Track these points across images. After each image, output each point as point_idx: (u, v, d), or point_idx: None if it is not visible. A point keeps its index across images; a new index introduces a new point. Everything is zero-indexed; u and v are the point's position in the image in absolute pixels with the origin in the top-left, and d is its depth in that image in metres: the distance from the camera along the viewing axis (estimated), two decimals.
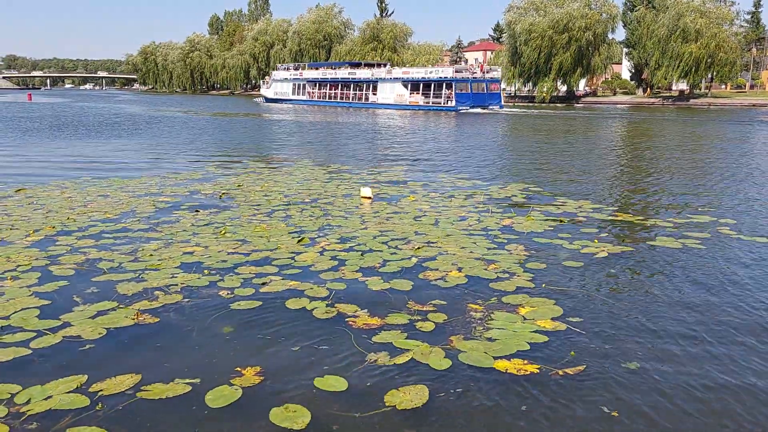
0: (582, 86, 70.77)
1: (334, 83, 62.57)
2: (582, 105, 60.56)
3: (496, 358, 3.99)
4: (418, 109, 50.48)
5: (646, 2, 62.56)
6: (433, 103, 50.97)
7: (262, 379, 3.74)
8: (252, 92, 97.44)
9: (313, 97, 64.89)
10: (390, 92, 55.28)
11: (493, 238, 7.10)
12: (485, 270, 5.85)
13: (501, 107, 50.85)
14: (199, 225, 7.78)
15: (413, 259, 6.20)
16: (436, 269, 5.88)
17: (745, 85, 68.75)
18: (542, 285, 5.44)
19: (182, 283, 5.44)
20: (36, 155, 16.49)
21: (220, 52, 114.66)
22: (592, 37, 59.51)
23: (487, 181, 11.79)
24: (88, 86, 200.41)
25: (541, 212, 8.69)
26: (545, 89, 62.71)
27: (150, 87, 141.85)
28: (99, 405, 3.42)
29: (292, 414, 3.34)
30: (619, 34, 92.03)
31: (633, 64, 67.56)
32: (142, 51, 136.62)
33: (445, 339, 4.30)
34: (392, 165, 14.45)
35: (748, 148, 19.52)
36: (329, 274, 5.75)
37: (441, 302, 5.02)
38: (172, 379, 3.71)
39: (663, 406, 3.47)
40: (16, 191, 10.16)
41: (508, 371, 3.84)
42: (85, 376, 3.75)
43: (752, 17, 72.31)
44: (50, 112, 43.68)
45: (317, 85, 65.07)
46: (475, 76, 51.82)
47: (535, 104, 61.26)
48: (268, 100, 70.53)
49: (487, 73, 53.24)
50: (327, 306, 4.93)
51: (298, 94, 67.13)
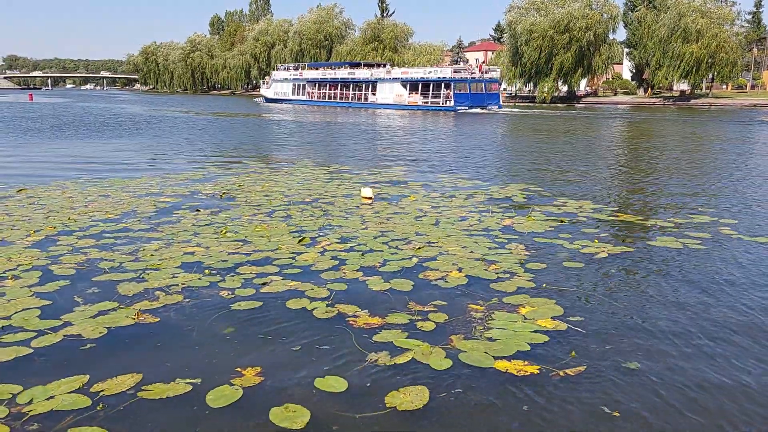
0: (583, 86, 70.74)
1: (334, 83, 62.61)
2: (583, 105, 60.53)
3: (496, 359, 3.99)
4: (417, 109, 50.48)
5: (646, 2, 62.52)
6: (431, 103, 50.97)
7: (262, 379, 3.75)
8: (253, 92, 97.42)
9: (312, 97, 64.93)
10: (389, 92, 55.28)
11: (494, 238, 7.10)
12: (485, 270, 5.86)
13: (500, 107, 50.83)
14: (199, 225, 7.78)
15: (414, 260, 6.21)
16: (437, 269, 5.88)
17: (746, 86, 68.69)
18: (543, 285, 5.44)
19: (183, 283, 5.45)
20: (37, 155, 16.51)
21: (221, 53, 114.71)
22: (593, 38, 59.47)
23: (488, 182, 11.79)
24: (89, 86, 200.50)
25: (541, 212, 8.69)
26: (546, 89, 62.66)
27: (151, 87, 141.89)
28: (100, 405, 3.43)
29: (291, 414, 3.35)
30: (620, 35, 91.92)
31: (634, 64, 67.51)
32: (143, 51, 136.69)
33: (445, 339, 4.30)
34: (392, 165, 14.46)
35: (748, 148, 19.51)
36: (330, 273, 5.76)
37: (441, 302, 5.02)
38: (172, 379, 3.72)
39: (664, 406, 3.47)
40: (18, 191, 10.17)
41: (509, 371, 3.84)
42: (87, 376, 3.75)
43: (753, 17, 72.25)
44: (51, 112, 43.72)
45: (317, 85, 65.12)
46: (473, 76, 51.83)
47: (535, 104, 61.23)
48: (268, 100, 70.58)
49: (485, 73, 53.26)
50: (327, 306, 4.94)
51: (297, 94, 67.17)
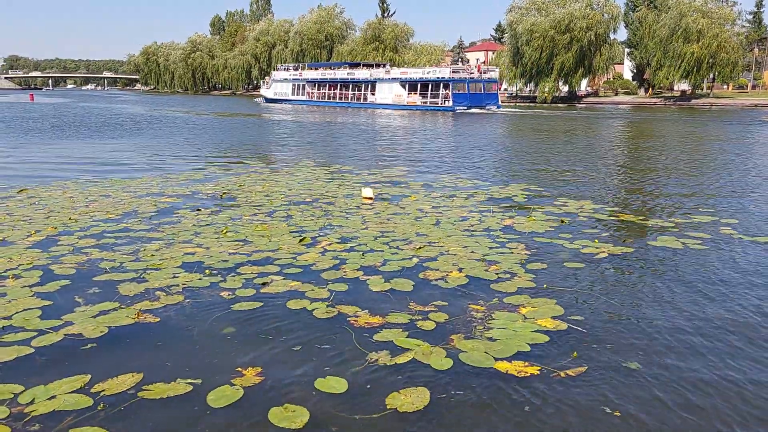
0: (584, 86, 70.71)
1: (333, 83, 62.67)
2: (584, 105, 60.51)
3: (497, 359, 3.99)
4: (416, 109, 50.52)
5: (647, 2, 62.49)
6: (430, 104, 51.04)
7: (263, 378, 3.75)
8: (253, 92, 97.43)
9: (312, 98, 65.00)
10: (388, 92, 55.35)
11: (495, 238, 7.10)
12: (486, 271, 5.86)
13: (498, 107, 50.88)
14: (200, 225, 7.79)
15: (414, 260, 6.21)
16: (437, 269, 5.88)
17: (747, 86, 68.64)
18: (544, 286, 5.44)
19: (183, 284, 5.45)
20: (38, 155, 16.52)
21: (221, 53, 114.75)
22: (594, 38, 59.44)
23: (488, 182, 11.79)
24: (90, 86, 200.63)
25: (542, 212, 8.69)
26: (547, 89, 62.65)
27: (152, 87, 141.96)
28: (101, 405, 3.43)
29: (290, 414, 3.35)
30: (621, 35, 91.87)
31: (635, 64, 67.48)
32: (144, 51, 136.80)
33: (446, 338, 4.30)
34: (393, 165, 14.45)
35: (749, 148, 19.50)
36: (330, 273, 5.76)
37: (442, 302, 5.02)
38: (173, 379, 3.72)
39: (664, 407, 3.47)
40: (19, 191, 10.17)
41: (509, 372, 3.84)
42: (88, 375, 3.76)
43: (754, 17, 72.19)
44: (52, 112, 43.75)
45: (316, 85, 65.21)
46: (472, 76, 51.94)
47: (536, 104, 61.21)
48: (268, 100, 70.68)
49: (484, 73, 53.39)
50: (328, 306, 4.94)
51: (297, 95, 67.26)
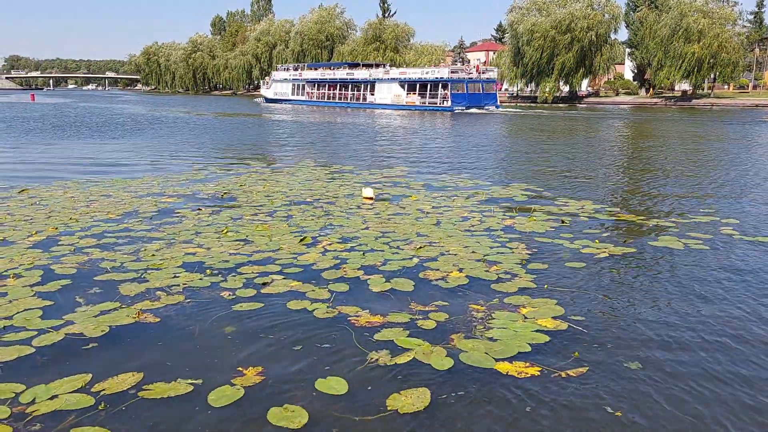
0: (584, 87, 70.66)
1: (333, 84, 62.78)
2: (584, 105, 60.48)
3: (498, 360, 3.99)
4: (415, 110, 50.61)
5: (648, 2, 62.46)
6: (429, 104, 51.13)
7: (263, 378, 3.75)
8: (254, 93, 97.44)
9: (312, 98, 65.11)
10: (387, 92, 55.46)
11: (495, 238, 7.10)
12: (487, 271, 5.86)
13: (497, 107, 50.96)
14: (201, 225, 7.79)
15: (415, 260, 6.21)
16: (438, 269, 5.89)
17: (748, 86, 68.59)
18: (544, 286, 5.44)
19: (184, 283, 5.46)
20: (39, 156, 16.54)
21: (222, 53, 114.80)
22: (595, 38, 59.40)
23: (489, 182, 11.79)
24: (90, 87, 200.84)
25: (542, 212, 8.69)
26: (548, 89, 62.61)
27: (153, 87, 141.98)
28: (102, 404, 3.44)
29: (290, 414, 3.35)
30: (622, 35, 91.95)
31: (635, 64, 67.44)
32: (145, 51, 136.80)
33: (446, 338, 4.31)
34: (393, 165, 14.45)
35: (750, 148, 19.48)
36: (331, 273, 5.77)
37: (442, 302, 5.03)
38: (174, 379, 3.73)
39: (665, 406, 3.47)
40: (19, 192, 10.18)
41: (510, 373, 3.84)
42: (89, 375, 3.76)
43: (755, 17, 72.17)
44: (53, 112, 43.78)
45: (316, 85, 65.33)
46: (470, 76, 52.06)
47: (537, 105, 61.21)
48: (268, 100, 70.81)
49: (482, 73, 53.50)
50: (328, 306, 4.95)
51: (297, 95, 67.38)
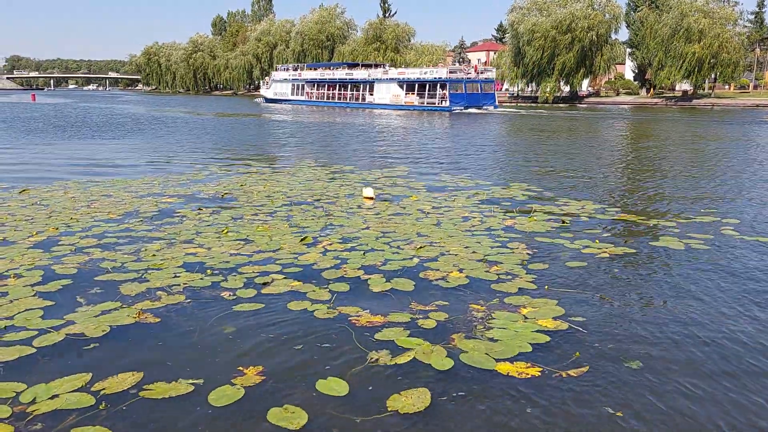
0: (585, 87, 70.66)
1: (332, 84, 62.91)
2: (585, 105, 60.49)
3: (498, 360, 3.99)
4: (413, 110, 50.71)
5: (649, 2, 62.45)
6: (427, 104, 51.25)
7: (263, 378, 3.76)
8: (255, 93, 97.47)
9: (311, 98, 65.22)
10: (386, 92, 55.58)
11: (496, 238, 7.11)
12: (487, 272, 5.86)
13: (495, 107, 51.07)
14: (201, 225, 7.80)
15: (415, 260, 6.21)
16: (438, 269, 5.89)
17: (749, 86, 68.55)
18: (545, 287, 5.44)
19: (185, 283, 5.46)
20: (40, 156, 16.54)
21: (223, 53, 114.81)
22: (595, 38, 59.42)
23: (489, 182, 11.79)
24: (91, 87, 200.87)
25: (543, 212, 8.69)
26: (548, 90, 62.63)
27: (153, 87, 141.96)
28: (102, 404, 3.44)
29: (289, 415, 3.35)
30: (623, 35, 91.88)
31: (636, 64, 67.44)
32: (146, 52, 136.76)
33: (447, 338, 4.31)
34: (393, 165, 14.46)
35: (751, 148, 19.47)
36: (331, 273, 5.77)
37: (443, 302, 5.03)
38: (174, 379, 3.73)
39: (666, 407, 3.47)
40: (20, 192, 10.19)
41: (510, 373, 3.84)
42: (89, 374, 3.77)
43: (756, 17, 72.11)
44: (54, 112, 43.81)
45: (315, 85, 65.48)
46: (469, 76, 52.20)
47: (537, 105, 61.24)
48: (267, 100, 70.95)
49: (481, 73, 53.69)
50: (329, 306, 4.95)
51: (296, 95, 67.51)
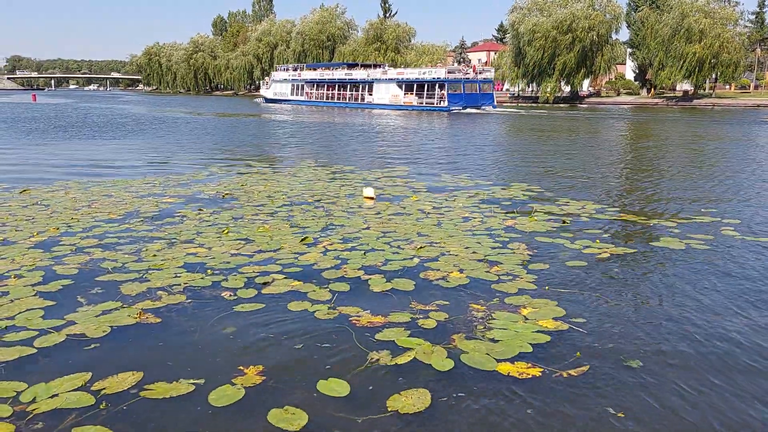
0: (586, 87, 70.64)
1: (332, 84, 63.03)
2: (585, 105, 60.47)
3: (499, 361, 3.99)
4: (412, 110, 50.82)
5: (649, 2, 62.42)
6: (426, 104, 51.35)
7: (264, 378, 3.76)
8: (255, 93, 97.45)
9: (311, 98, 65.34)
10: (385, 93, 55.70)
11: (496, 238, 7.11)
12: (487, 272, 5.86)
13: (494, 107, 51.16)
14: (202, 225, 7.80)
15: (415, 260, 6.22)
16: (438, 269, 5.89)
17: (749, 86, 68.53)
18: (545, 287, 5.44)
19: (185, 283, 5.46)
20: (40, 156, 16.55)
21: (223, 53, 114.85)
22: (596, 38, 59.40)
23: (489, 182, 11.79)
24: (92, 87, 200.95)
25: (543, 213, 8.69)
26: (549, 90, 62.60)
27: (154, 88, 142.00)
28: (103, 404, 3.45)
29: (290, 416, 3.35)
30: (623, 35, 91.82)
31: (637, 64, 67.41)
32: (147, 52, 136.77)
33: (447, 339, 4.31)
34: (394, 165, 14.46)
35: (751, 148, 19.46)
36: (332, 273, 5.77)
37: (443, 302, 5.03)
38: (175, 378, 3.74)
39: (667, 406, 3.47)
40: (21, 192, 10.20)
41: (511, 374, 3.84)
42: (90, 374, 3.77)
43: (757, 17, 72.04)
44: (54, 113, 43.83)
45: (315, 85, 65.62)
46: (467, 76, 52.33)
47: (538, 105, 61.24)
48: (267, 100, 71.09)
49: (479, 74, 53.80)
50: (329, 306, 4.95)
51: (296, 95, 67.65)
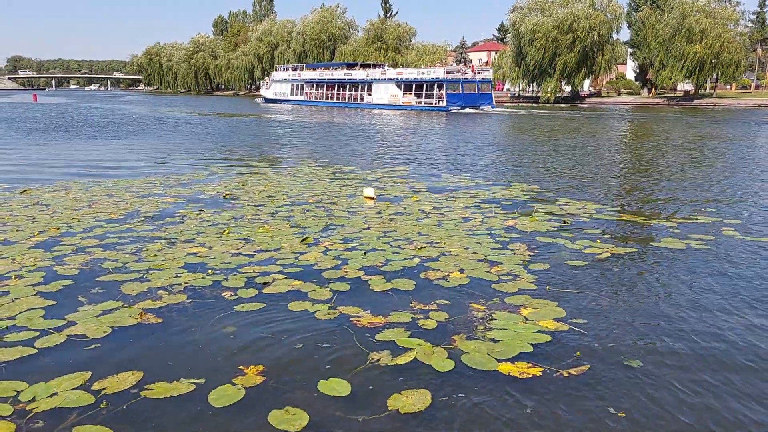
0: (586, 87, 70.63)
1: (331, 84, 63.16)
2: (586, 105, 60.44)
3: (499, 361, 3.99)
4: (411, 110, 50.89)
5: (650, 2, 62.40)
6: (425, 104, 51.43)
7: (264, 378, 3.76)
8: (256, 93, 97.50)
9: (310, 98, 65.46)
10: (384, 92, 55.81)
11: (496, 238, 7.11)
12: (488, 272, 5.86)
13: (492, 107, 51.22)
14: (203, 225, 7.81)
15: (416, 260, 6.22)
16: (439, 269, 5.89)
17: (750, 86, 68.52)
18: (546, 288, 5.44)
19: (186, 283, 5.47)
20: (41, 156, 16.56)
21: (224, 53, 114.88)
22: (597, 38, 59.38)
23: (489, 182, 11.79)
24: (93, 87, 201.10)
25: (544, 213, 8.69)
26: (549, 90, 62.59)
27: (155, 88, 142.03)
28: (103, 403, 3.45)
29: (290, 417, 3.34)
30: (624, 35, 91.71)
31: (637, 64, 67.39)
32: (147, 52, 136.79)
33: (448, 339, 4.31)
34: (394, 165, 14.46)
35: (752, 148, 19.45)
36: (332, 273, 5.77)
37: (444, 302, 5.03)
38: (175, 378, 3.74)
39: (668, 407, 3.47)
40: (22, 192, 10.21)
41: (512, 374, 3.84)
42: (89, 373, 3.78)
43: (757, 17, 71.96)
44: (55, 112, 43.85)
45: (314, 85, 65.77)
46: (466, 76, 52.41)
47: (538, 105, 61.24)
48: (267, 100, 71.20)
49: (478, 74, 53.90)
50: (329, 306, 4.95)
51: (296, 95, 67.79)
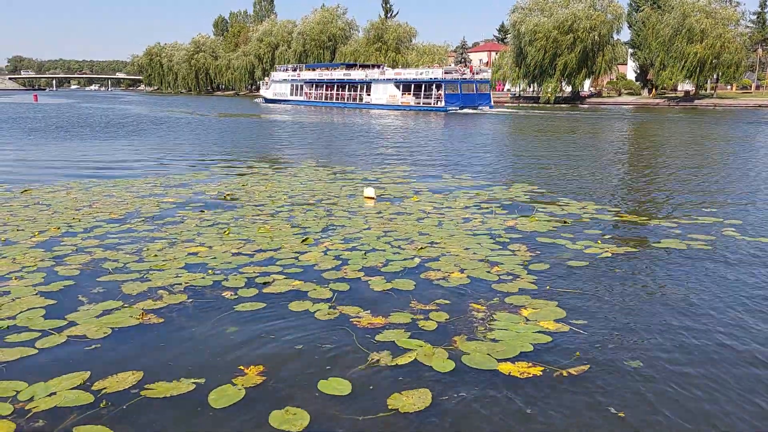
0: (587, 87, 70.62)
1: (330, 84, 63.29)
2: (586, 106, 60.43)
3: (500, 361, 3.99)
4: (410, 110, 50.98)
5: (651, 3, 62.39)
6: (423, 104, 51.53)
7: (264, 378, 3.76)
8: (256, 93, 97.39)
9: (310, 98, 65.59)
10: (383, 93, 55.94)
11: (497, 239, 7.10)
12: (488, 273, 5.86)
13: (491, 107, 51.33)
14: (203, 225, 7.81)
15: (416, 260, 6.22)
16: (439, 270, 5.89)
17: (751, 86, 68.49)
18: (546, 288, 5.43)
19: (186, 283, 5.47)
20: (41, 156, 16.57)
21: (225, 53, 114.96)
22: (597, 38, 59.38)
23: (490, 182, 11.79)
24: (93, 87, 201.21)
25: (544, 213, 8.69)
26: (550, 90, 62.57)
27: (155, 88, 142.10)
28: (103, 403, 3.45)
29: (291, 417, 3.34)
30: (624, 35, 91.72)
31: (638, 64, 67.40)
32: (148, 52, 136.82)
33: (448, 339, 4.31)
34: (394, 165, 14.46)
35: (753, 148, 19.45)
36: (332, 273, 5.77)
37: (444, 302, 5.03)
38: (176, 378, 3.73)
39: (669, 407, 3.47)
40: (22, 192, 10.21)
41: (512, 374, 3.84)
42: (88, 373, 3.77)
43: (758, 18, 71.94)
44: (56, 113, 43.87)
45: (314, 86, 65.90)
46: (464, 77, 52.58)
47: (538, 105, 61.23)
48: (267, 100, 71.29)
49: (476, 74, 54.11)
50: (330, 306, 4.95)
51: (295, 95, 67.93)
